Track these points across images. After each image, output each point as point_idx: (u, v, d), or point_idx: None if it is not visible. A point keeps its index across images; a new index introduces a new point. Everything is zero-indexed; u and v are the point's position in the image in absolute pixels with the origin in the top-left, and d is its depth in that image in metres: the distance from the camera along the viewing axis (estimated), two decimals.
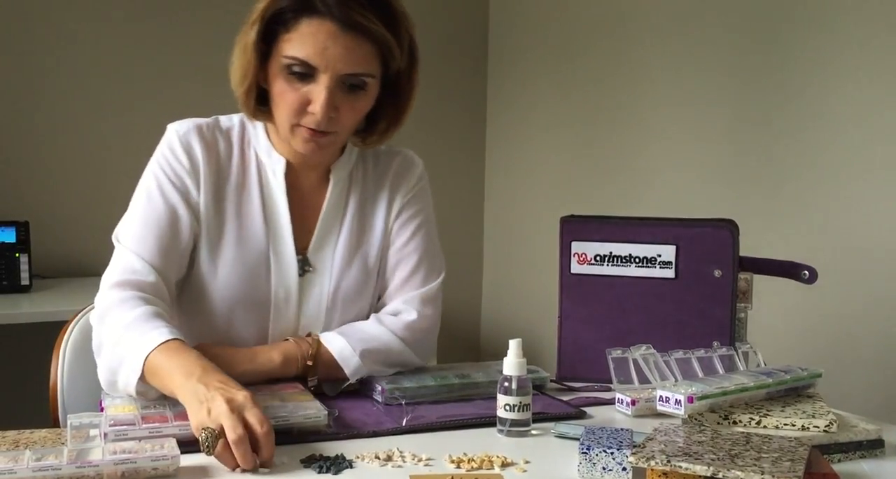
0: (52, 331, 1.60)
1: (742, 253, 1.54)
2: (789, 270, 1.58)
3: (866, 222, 2.17)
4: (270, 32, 1.33)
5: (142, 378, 1.22)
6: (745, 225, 1.59)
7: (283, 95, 1.34)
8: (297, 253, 1.44)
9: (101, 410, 1.24)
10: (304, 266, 1.45)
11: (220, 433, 1.07)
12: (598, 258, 1.57)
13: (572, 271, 1.58)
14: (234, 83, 1.38)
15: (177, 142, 1.41)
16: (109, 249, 1.42)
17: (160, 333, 1.24)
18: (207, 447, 1.06)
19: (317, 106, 1.31)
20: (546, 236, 2.40)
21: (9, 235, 2.61)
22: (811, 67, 2.29)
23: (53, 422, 1.51)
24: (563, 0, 3.18)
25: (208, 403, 1.10)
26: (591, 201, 2.99)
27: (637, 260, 1.56)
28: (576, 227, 1.59)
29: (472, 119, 3.59)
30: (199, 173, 1.40)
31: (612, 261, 1.57)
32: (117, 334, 1.27)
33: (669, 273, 1.55)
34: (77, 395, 1.51)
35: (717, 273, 1.53)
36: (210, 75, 3.13)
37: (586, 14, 3.07)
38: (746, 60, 2.48)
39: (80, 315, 1.58)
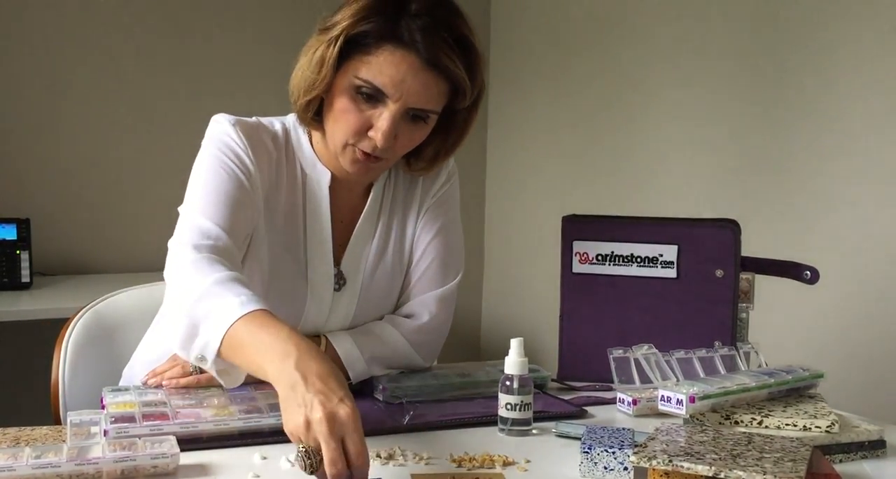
0: (52, 328, 1.60)
1: (744, 253, 1.54)
2: (791, 270, 1.58)
3: (868, 223, 2.17)
4: (346, 49, 1.28)
5: (219, 353, 1.11)
6: (746, 225, 1.58)
7: (346, 114, 1.29)
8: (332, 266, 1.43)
9: (103, 407, 1.24)
10: (339, 281, 1.43)
11: (320, 454, 0.97)
12: (599, 258, 1.57)
13: (574, 270, 1.58)
14: (297, 91, 1.33)
15: (232, 130, 1.34)
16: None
17: (245, 300, 1.12)
18: (307, 467, 0.97)
19: (378, 134, 1.28)
20: (547, 236, 2.40)
21: (10, 233, 2.62)
22: (814, 67, 2.29)
23: (55, 419, 1.51)
24: None
25: (307, 410, 0.98)
26: (593, 201, 2.99)
27: (639, 260, 1.56)
28: (578, 226, 1.59)
29: None
30: (254, 165, 1.34)
31: (614, 260, 1.57)
32: (196, 295, 1.15)
33: (671, 273, 1.55)
34: (78, 392, 1.51)
35: (718, 273, 1.52)
36: (211, 75, 3.15)
37: (588, 12, 3.07)
38: (749, 61, 2.47)
39: (81, 313, 1.58)
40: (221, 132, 1.35)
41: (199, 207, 1.29)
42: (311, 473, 0.97)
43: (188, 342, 1.14)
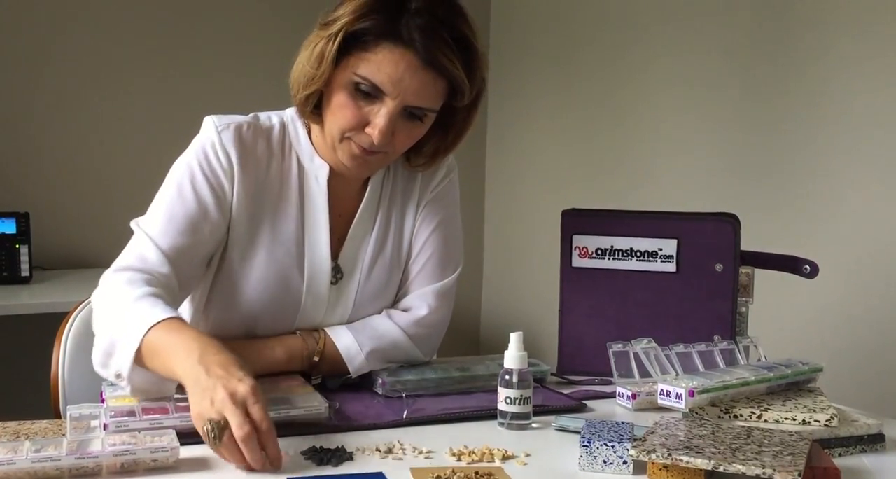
0: (52, 322, 1.60)
1: (743, 247, 1.54)
2: (790, 264, 1.58)
3: (868, 217, 2.17)
4: (346, 45, 1.28)
5: (137, 361, 1.18)
6: (746, 219, 1.58)
7: (343, 109, 1.30)
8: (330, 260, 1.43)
9: (102, 401, 1.24)
10: (336, 274, 1.44)
11: (226, 424, 1.04)
12: (599, 252, 1.57)
13: (573, 264, 1.58)
14: (297, 85, 1.33)
15: (217, 138, 1.35)
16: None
17: (158, 312, 1.20)
18: (214, 438, 1.03)
19: (375, 130, 1.28)
20: (547, 230, 2.39)
21: (9, 227, 2.61)
22: (813, 60, 2.28)
23: (55, 413, 1.51)
24: None
25: (210, 392, 1.07)
26: (593, 195, 2.99)
27: (638, 254, 1.56)
28: (577, 220, 1.59)
29: None
30: (235, 174, 1.36)
31: (614, 255, 1.57)
32: (115, 315, 1.24)
33: (671, 267, 1.55)
34: (78, 386, 1.51)
35: (718, 267, 1.52)
36: (209, 70, 3.15)
37: (588, 7, 3.06)
38: (748, 54, 2.47)
39: (80, 306, 1.58)
40: (206, 140, 1.36)
41: (150, 228, 1.33)
42: (217, 442, 1.04)
43: (106, 359, 1.22)
